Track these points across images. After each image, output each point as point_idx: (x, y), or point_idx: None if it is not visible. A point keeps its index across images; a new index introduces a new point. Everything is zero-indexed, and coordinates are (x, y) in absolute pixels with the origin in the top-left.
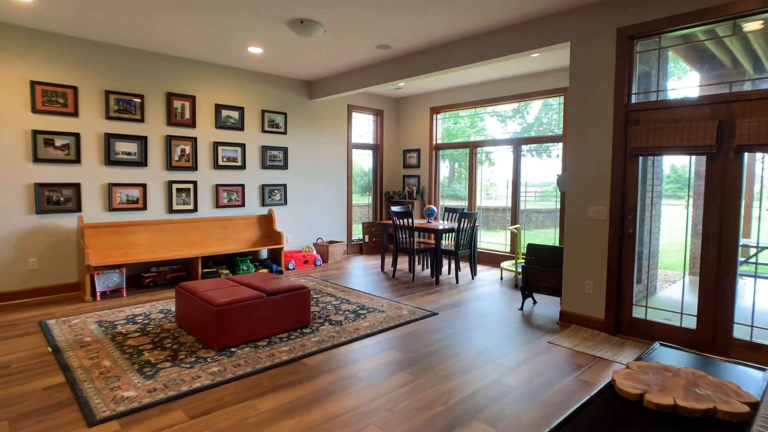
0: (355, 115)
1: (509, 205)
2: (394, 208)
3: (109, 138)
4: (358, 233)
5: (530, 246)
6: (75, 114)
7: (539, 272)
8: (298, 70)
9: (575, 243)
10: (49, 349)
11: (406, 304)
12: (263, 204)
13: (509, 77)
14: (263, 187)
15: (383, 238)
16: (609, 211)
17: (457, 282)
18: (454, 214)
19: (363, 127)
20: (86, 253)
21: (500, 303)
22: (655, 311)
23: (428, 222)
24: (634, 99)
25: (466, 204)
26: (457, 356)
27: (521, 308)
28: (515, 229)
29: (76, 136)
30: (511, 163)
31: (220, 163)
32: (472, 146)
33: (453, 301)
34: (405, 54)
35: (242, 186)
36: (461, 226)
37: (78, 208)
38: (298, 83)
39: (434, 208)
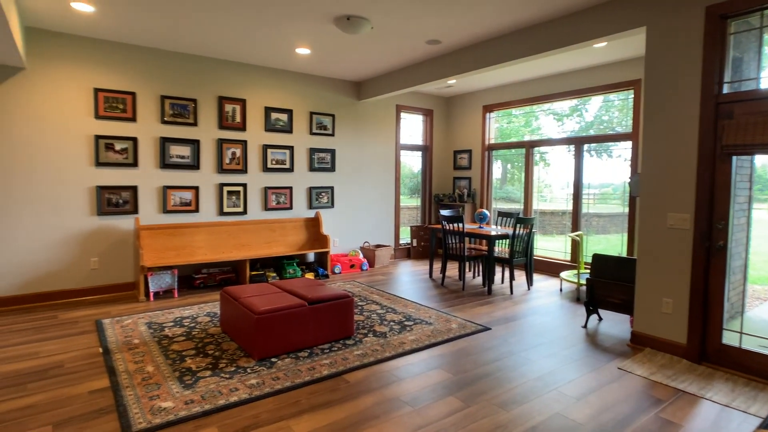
0: (403, 116)
1: (566, 208)
2: (444, 212)
3: (164, 142)
4: (405, 237)
5: (596, 257)
6: (133, 119)
7: (606, 286)
8: (346, 70)
9: (651, 255)
10: (100, 350)
11: (456, 316)
12: (310, 207)
13: (566, 72)
14: (310, 189)
15: (432, 242)
16: (693, 220)
17: (511, 293)
18: (509, 219)
19: (412, 127)
20: (141, 254)
21: (561, 318)
22: (751, 338)
23: (480, 227)
24: (726, 89)
25: (521, 207)
26: (513, 381)
27: (585, 326)
28: (577, 236)
29: (134, 141)
30: (571, 163)
31: (269, 165)
32: (529, 146)
33: (507, 315)
34: (456, 49)
35: (290, 188)
36: (516, 232)
37: (135, 210)
38: (346, 84)
39: (486, 212)
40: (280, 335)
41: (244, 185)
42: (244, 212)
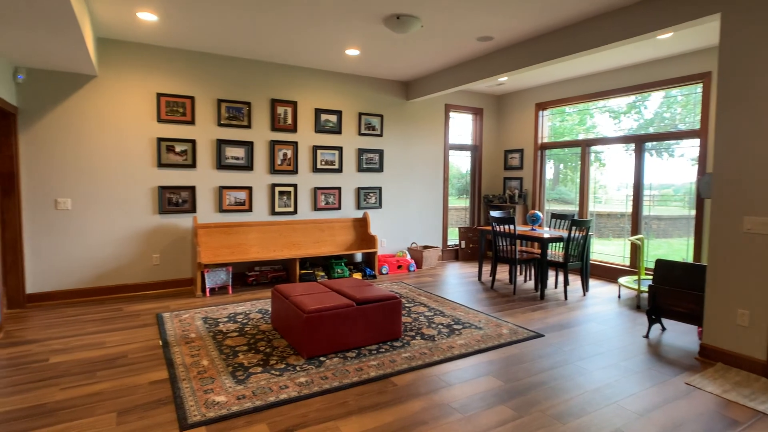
0: (452, 115)
1: (623, 210)
2: (494, 213)
3: (220, 144)
4: (453, 238)
5: (660, 262)
6: (192, 122)
7: (671, 294)
8: (395, 70)
9: (724, 261)
10: (160, 342)
11: (507, 321)
12: (358, 207)
13: (624, 67)
14: (359, 190)
15: (481, 244)
16: None
17: (565, 298)
18: (563, 221)
19: (461, 127)
20: (198, 251)
21: (619, 327)
22: None
23: (532, 229)
24: None
25: (576, 209)
26: (568, 391)
27: (647, 335)
28: (638, 239)
29: (193, 143)
30: (629, 163)
31: (319, 166)
32: (585, 145)
33: (561, 321)
34: (509, 45)
35: (339, 189)
36: (572, 234)
37: (193, 209)
38: (394, 84)
39: (539, 213)
40: (329, 334)
41: (295, 185)
42: (295, 212)
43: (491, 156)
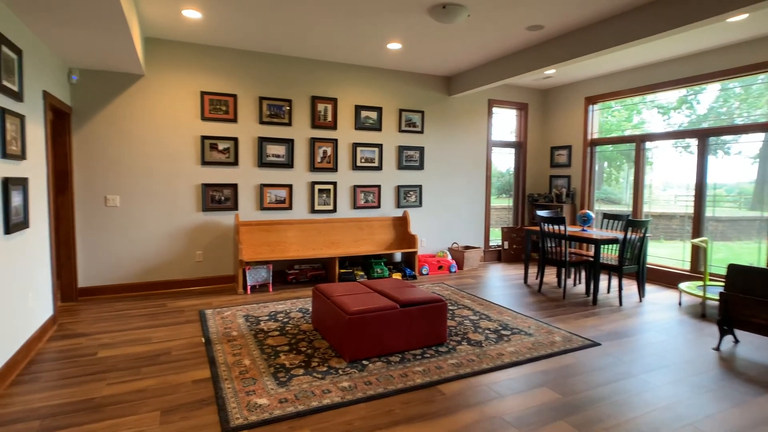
0: (495, 111)
1: (675, 211)
2: (542, 213)
3: (262, 141)
4: (495, 239)
5: (734, 268)
6: (234, 120)
7: (747, 303)
8: (437, 65)
9: None
10: (203, 339)
11: (558, 328)
12: (398, 205)
13: (677, 57)
14: (398, 188)
15: (527, 245)
16: None
17: (620, 304)
18: (615, 222)
19: (504, 123)
20: (240, 249)
21: (683, 337)
22: None
23: (583, 230)
24: None
25: (623, 209)
26: (634, 408)
27: (717, 348)
28: (702, 242)
29: (235, 141)
30: (683, 160)
31: (358, 164)
32: (639, 140)
33: (618, 329)
34: (560, 34)
35: (378, 187)
36: (628, 236)
37: (235, 207)
38: (436, 79)
39: (591, 213)
40: (372, 337)
41: (334, 183)
42: (334, 210)
43: (536, 153)
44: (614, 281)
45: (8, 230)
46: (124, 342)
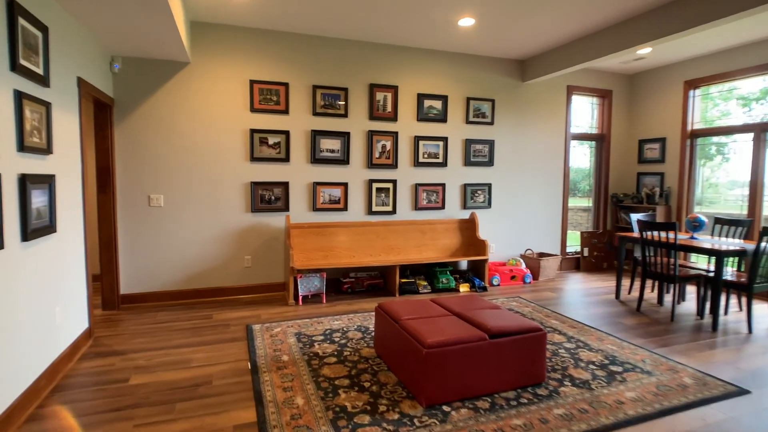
0: (574, 99)
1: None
2: (638, 216)
3: (315, 135)
4: (572, 244)
5: None
6: (286, 111)
7: None
8: (511, 46)
9: None
10: (249, 366)
11: (683, 364)
12: (464, 206)
13: None
14: (465, 186)
15: (620, 254)
16: None
17: (749, 331)
18: (734, 228)
19: (582, 113)
20: (291, 255)
21: None
22: None
23: (692, 237)
24: None
25: (726, 212)
26: None
27: None
28: None
29: (286, 134)
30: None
31: (421, 159)
32: (759, 130)
33: (763, 368)
34: (660, 4)
35: (443, 186)
36: (762, 246)
37: (286, 207)
38: (509, 64)
39: (703, 218)
40: (454, 376)
41: (394, 181)
42: (393, 212)
43: (621, 147)
44: (734, 299)
45: (26, 236)
46: (161, 365)
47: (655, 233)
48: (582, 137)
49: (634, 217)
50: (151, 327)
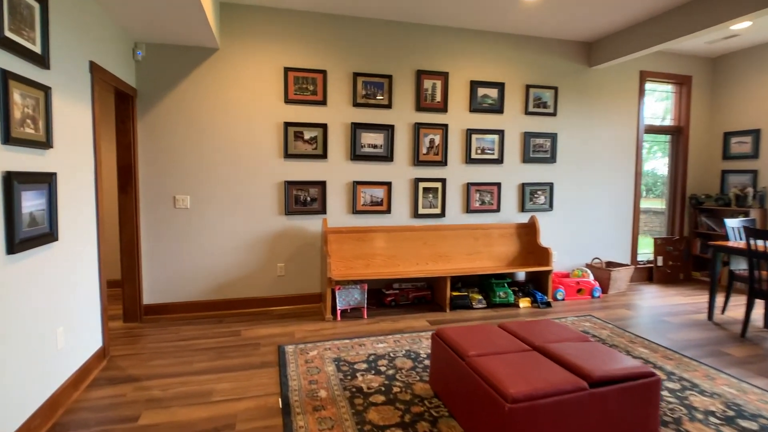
0: (648, 86)
1: None
2: (735, 222)
3: (355, 128)
4: (643, 251)
5: None
6: (323, 102)
7: None
8: (577, 25)
9: None
10: (280, 403)
11: None
12: (522, 209)
13: None
14: (523, 186)
15: (715, 267)
16: None
17: None
18: None
19: (653, 103)
20: (328, 263)
21: None
22: None
23: None
24: None
25: None
26: None
27: None
28: None
29: (324, 128)
30: None
31: (473, 156)
32: None
33: None
34: None
35: (498, 185)
36: None
37: (323, 210)
38: (574, 46)
39: None
40: None
41: (443, 181)
42: (442, 214)
43: (701, 141)
44: None
45: (12, 248)
46: (178, 397)
47: (763, 242)
48: (656, 130)
49: (730, 222)
50: (173, 345)
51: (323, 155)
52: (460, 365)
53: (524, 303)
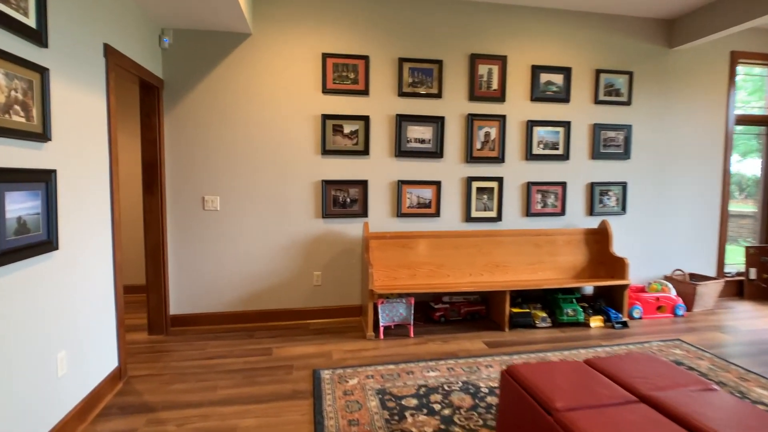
0: (740, 70)
1: None
2: None
3: (401, 121)
4: (730, 262)
5: None
6: (365, 92)
7: None
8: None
9: None
10: None
11: None
12: (591, 212)
13: None
14: (592, 186)
15: None
16: None
17: None
18: None
19: (748, 88)
20: (370, 273)
21: None
22: None
23: None
24: None
25: None
26: None
27: None
28: None
29: (365, 121)
30: None
31: (535, 151)
32: None
33: None
34: None
35: (562, 185)
36: None
37: (364, 212)
38: (652, 24)
39: None
40: None
41: (500, 179)
42: (498, 218)
43: None
44: None
45: None
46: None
47: None
48: (748, 120)
49: None
50: (197, 365)
51: (365, 151)
52: (545, 422)
53: (596, 322)
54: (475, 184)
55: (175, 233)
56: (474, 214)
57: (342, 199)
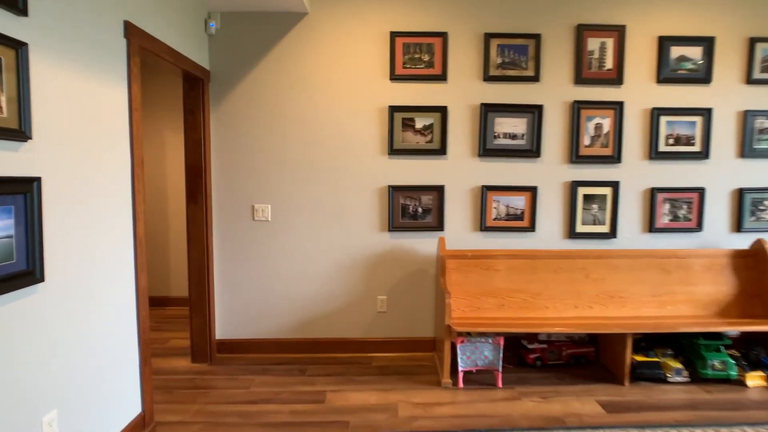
0: None
1: None
2: None
3: (487, 112)
4: None
5: None
6: (442, 77)
7: None
8: None
9: None
10: None
11: None
12: (739, 228)
13: None
14: (741, 193)
15: None
16: None
17: None
18: None
19: None
20: (447, 304)
21: None
22: None
23: None
24: None
25: None
26: None
27: None
28: None
29: (442, 112)
30: None
31: (662, 147)
32: None
33: None
34: None
35: (700, 192)
36: None
37: (439, 225)
38: None
39: None
40: None
41: (614, 184)
42: (612, 234)
43: None
44: None
45: None
46: None
47: None
48: None
49: None
50: (238, 411)
51: (441, 150)
52: None
53: (754, 380)
54: (582, 191)
55: (222, 247)
56: (580, 228)
57: (412, 209)
